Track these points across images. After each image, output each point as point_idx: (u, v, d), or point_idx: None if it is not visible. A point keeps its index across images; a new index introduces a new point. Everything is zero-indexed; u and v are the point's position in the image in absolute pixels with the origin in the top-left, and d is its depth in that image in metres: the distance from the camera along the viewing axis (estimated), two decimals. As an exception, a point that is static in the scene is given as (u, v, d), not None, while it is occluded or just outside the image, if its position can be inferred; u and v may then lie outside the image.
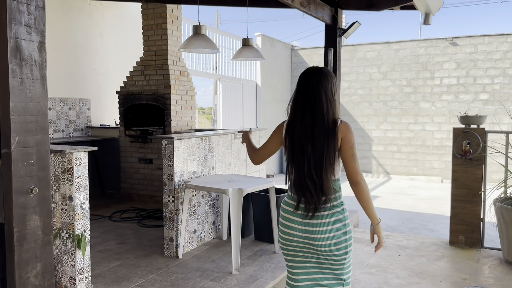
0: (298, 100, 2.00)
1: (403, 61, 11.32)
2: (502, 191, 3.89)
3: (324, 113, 1.94)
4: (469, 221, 4.12)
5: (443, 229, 6.31)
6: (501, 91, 10.27)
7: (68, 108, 6.16)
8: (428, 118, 11.16)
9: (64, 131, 6.12)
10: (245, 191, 3.39)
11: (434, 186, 10.33)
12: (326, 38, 4.60)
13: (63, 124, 6.10)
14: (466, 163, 4.10)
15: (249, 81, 10.95)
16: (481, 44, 10.48)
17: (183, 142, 3.76)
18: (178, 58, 5.95)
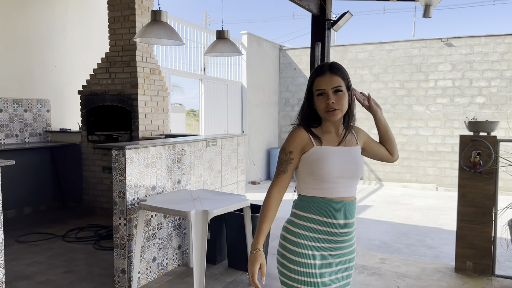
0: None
1: (396, 62, 10.77)
2: (519, 211, 3.30)
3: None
4: (479, 245, 3.52)
5: (442, 245, 5.72)
6: (498, 95, 9.77)
7: (23, 110, 5.47)
8: (422, 122, 10.61)
9: (19, 136, 5.42)
10: (211, 213, 2.75)
11: (429, 194, 9.78)
12: (312, 31, 3.99)
13: (17, 128, 5.40)
14: (475, 176, 3.51)
15: (234, 82, 10.31)
16: (477, 45, 9.97)
17: (139, 151, 3.10)
18: (149, 54, 5.30)
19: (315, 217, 1.63)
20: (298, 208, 1.68)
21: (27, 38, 5.58)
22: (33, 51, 5.67)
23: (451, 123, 10.35)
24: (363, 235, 6.20)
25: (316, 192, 1.64)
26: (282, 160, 1.65)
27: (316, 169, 1.61)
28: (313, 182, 1.63)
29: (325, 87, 1.63)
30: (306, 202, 1.65)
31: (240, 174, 4.40)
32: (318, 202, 1.63)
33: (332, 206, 1.63)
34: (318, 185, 1.63)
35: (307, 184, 1.65)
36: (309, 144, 1.64)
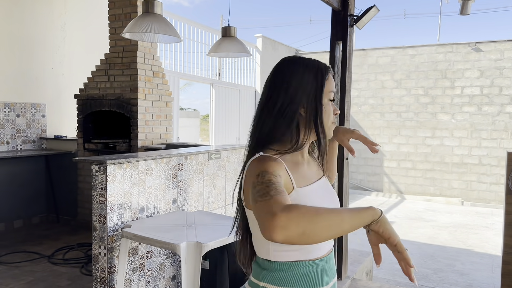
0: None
1: (420, 68, 10.14)
2: None
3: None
4: (532, 285, 2.92)
5: (475, 271, 5.10)
6: (532, 103, 9.05)
7: (15, 115, 5.06)
8: (447, 132, 9.94)
9: (10, 143, 5.01)
10: (205, 247, 2.23)
11: (455, 209, 9.10)
12: (332, 29, 3.46)
13: (8, 134, 4.99)
14: (528, 202, 2.92)
15: (247, 87, 9.83)
16: (508, 50, 9.28)
17: (124, 167, 2.61)
18: (152, 55, 4.84)
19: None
20: (269, 281, 1.10)
21: (21, 37, 5.19)
22: (28, 52, 5.28)
23: (479, 133, 9.65)
24: (385, 257, 5.53)
25: (297, 254, 1.10)
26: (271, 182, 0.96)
27: None
28: None
29: (335, 91, 1.21)
30: (282, 272, 1.10)
31: (248, 190, 3.86)
32: (300, 268, 1.10)
33: (317, 268, 1.13)
34: (299, 245, 1.09)
35: (282, 246, 1.08)
36: (288, 184, 1.08)
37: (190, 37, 7.61)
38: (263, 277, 1.11)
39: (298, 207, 0.85)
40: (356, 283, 3.48)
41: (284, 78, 1.14)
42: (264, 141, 1.13)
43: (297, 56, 1.22)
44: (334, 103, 1.20)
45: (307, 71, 1.15)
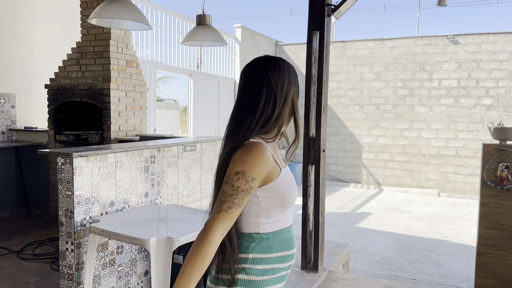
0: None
1: (398, 60, 10.20)
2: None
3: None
4: (504, 275, 2.95)
5: (450, 262, 5.16)
6: (507, 96, 9.21)
7: (-18, 105, 4.85)
8: (424, 124, 10.05)
9: (-23, 135, 4.81)
10: (176, 242, 2.15)
11: (431, 200, 9.23)
12: (309, 18, 3.40)
13: (-26, 125, 4.79)
14: (501, 194, 2.93)
15: (227, 79, 9.72)
16: (485, 43, 9.41)
17: (92, 159, 2.51)
18: (125, 44, 4.69)
19: (280, 254, 1.33)
20: (258, 251, 1.29)
21: (-11, 25, 4.97)
22: (-4, 39, 5.06)
23: (455, 126, 9.79)
24: (362, 248, 5.63)
25: (280, 224, 1.34)
26: (239, 190, 1.20)
27: (287, 198, 1.31)
28: (278, 215, 1.32)
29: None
30: (269, 240, 1.31)
31: (224, 183, 3.80)
32: (281, 235, 1.34)
33: (290, 234, 1.38)
34: (282, 216, 1.34)
35: (269, 218, 1.30)
36: (275, 168, 1.28)
37: (167, 26, 7.45)
38: (252, 249, 1.28)
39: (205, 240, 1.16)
40: (333, 275, 3.47)
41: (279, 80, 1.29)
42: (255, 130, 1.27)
43: (278, 59, 1.36)
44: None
45: (291, 75, 1.34)
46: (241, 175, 1.19)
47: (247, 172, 1.20)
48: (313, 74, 3.38)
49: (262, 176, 1.23)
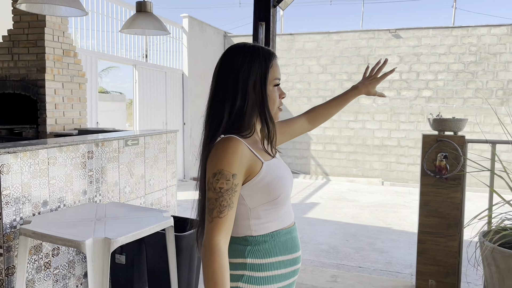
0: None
1: (344, 53, 10.42)
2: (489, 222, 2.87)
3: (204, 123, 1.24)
4: (443, 261, 3.07)
5: (393, 249, 5.36)
6: (445, 88, 9.70)
7: None
8: (368, 116, 10.37)
9: None
10: (114, 243, 2.03)
11: (375, 189, 9.56)
12: (255, 9, 3.34)
13: None
14: (440, 183, 3.05)
15: (174, 70, 9.48)
16: (425, 37, 9.83)
17: (21, 156, 2.32)
18: (62, 32, 4.41)
19: (282, 258, 1.21)
20: (255, 255, 1.18)
21: None
22: None
23: (397, 117, 10.18)
24: (311, 238, 5.72)
25: (275, 224, 1.22)
26: (223, 190, 1.11)
27: (276, 193, 1.19)
28: (270, 213, 1.20)
29: (280, 76, 1.28)
30: (266, 243, 1.20)
31: (171, 178, 3.69)
32: (280, 237, 1.22)
33: (292, 235, 1.25)
34: (276, 215, 1.21)
35: (260, 219, 1.19)
36: (256, 162, 1.18)
37: (109, 14, 7.11)
38: (248, 253, 1.18)
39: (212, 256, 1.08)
40: (281, 267, 3.47)
41: (232, 69, 1.19)
42: (223, 127, 1.18)
43: (242, 45, 1.24)
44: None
45: (252, 60, 1.19)
46: (219, 175, 1.11)
47: (224, 169, 1.11)
48: (260, 65, 3.33)
49: (243, 170, 1.14)
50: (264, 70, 1.20)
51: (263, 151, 1.23)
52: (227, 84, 1.19)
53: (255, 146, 1.21)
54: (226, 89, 1.19)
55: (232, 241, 1.20)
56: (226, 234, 1.12)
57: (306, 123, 1.57)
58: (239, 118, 1.19)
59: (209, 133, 1.21)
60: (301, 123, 1.56)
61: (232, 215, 1.12)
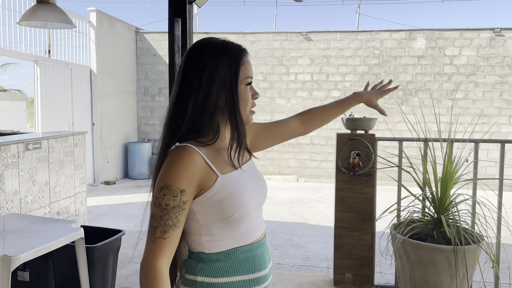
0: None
1: (259, 54, 10.58)
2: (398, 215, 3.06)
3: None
4: (358, 254, 3.22)
5: (310, 244, 5.54)
6: (352, 89, 10.27)
7: None
8: (284, 115, 10.64)
9: None
10: (16, 260, 1.80)
11: (291, 186, 9.86)
12: (170, 5, 3.20)
13: None
14: (353, 179, 3.18)
15: (81, 66, 8.86)
16: (334, 40, 10.33)
17: None
18: None
19: (239, 278, 1.09)
20: (207, 274, 1.08)
21: None
22: None
23: (311, 116, 10.57)
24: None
25: (231, 242, 1.10)
26: (169, 207, 0.99)
27: (230, 211, 1.06)
28: (225, 231, 1.09)
29: (253, 74, 1.16)
30: (220, 262, 1.09)
31: (79, 184, 3.41)
32: (238, 255, 1.10)
33: (256, 253, 1.14)
34: (231, 233, 1.10)
35: (213, 236, 1.08)
36: (209, 176, 1.06)
37: (5, 5, 6.41)
38: (199, 271, 1.08)
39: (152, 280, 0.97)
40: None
41: (197, 67, 1.07)
42: (183, 132, 1.07)
43: (209, 40, 1.14)
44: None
45: (220, 57, 1.09)
46: (166, 189, 1.00)
47: (172, 184, 1.00)
48: (177, 63, 3.21)
49: (193, 185, 1.03)
50: (234, 67, 1.09)
51: (226, 162, 1.11)
52: (191, 82, 1.07)
53: (216, 155, 1.10)
54: (191, 88, 1.07)
55: (188, 256, 1.12)
56: (169, 257, 1.01)
57: (300, 125, 1.44)
58: (199, 117, 1.06)
59: (165, 138, 1.10)
60: (293, 125, 1.43)
61: (177, 236, 1.02)
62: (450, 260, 2.55)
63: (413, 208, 2.89)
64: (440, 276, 2.62)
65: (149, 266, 0.98)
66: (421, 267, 2.65)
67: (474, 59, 9.70)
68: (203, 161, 1.05)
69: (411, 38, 9.99)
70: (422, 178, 2.91)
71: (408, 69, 10.04)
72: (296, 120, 1.43)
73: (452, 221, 2.70)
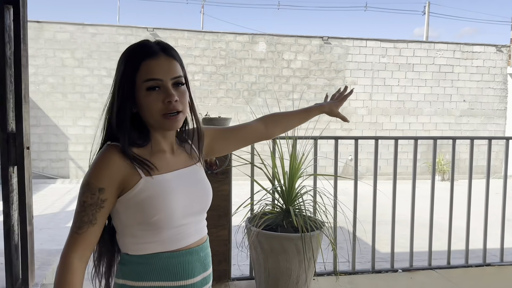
0: None
1: (102, 48, 9.94)
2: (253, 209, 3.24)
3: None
4: (215, 250, 3.25)
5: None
6: (201, 88, 10.46)
7: None
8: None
9: None
10: None
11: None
12: (-1, -12, 2.77)
13: None
14: (211, 178, 3.23)
15: None
16: (181, 39, 10.35)
17: None
18: None
19: (158, 284, 1.07)
20: (127, 276, 1.08)
21: None
22: None
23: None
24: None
25: (155, 246, 1.08)
26: (86, 204, 1.02)
27: (150, 214, 1.04)
28: (146, 234, 1.06)
29: (163, 77, 1.06)
30: (139, 265, 1.07)
31: None
32: (160, 260, 1.08)
33: (183, 260, 1.11)
34: (155, 237, 1.07)
35: (136, 238, 1.07)
36: (132, 176, 1.05)
37: None
38: (121, 272, 1.09)
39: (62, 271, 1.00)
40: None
41: (118, 66, 1.09)
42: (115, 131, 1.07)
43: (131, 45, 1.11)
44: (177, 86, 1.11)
45: (121, 64, 1.08)
46: (86, 187, 1.02)
47: (92, 182, 1.02)
48: (8, 56, 2.82)
49: (114, 184, 1.03)
50: (130, 74, 1.05)
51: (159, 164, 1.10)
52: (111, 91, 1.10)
53: (151, 157, 1.09)
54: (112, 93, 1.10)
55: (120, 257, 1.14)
56: (83, 252, 1.02)
57: (264, 128, 1.42)
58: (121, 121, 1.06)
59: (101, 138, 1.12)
60: (257, 128, 1.41)
61: (93, 233, 1.03)
62: (298, 247, 2.82)
63: (265, 202, 3.09)
64: (290, 263, 2.87)
65: (62, 257, 1.02)
66: (273, 255, 2.86)
67: (307, 63, 10.83)
68: (127, 161, 1.05)
69: (253, 42, 10.62)
70: (272, 173, 3.14)
71: (252, 71, 10.66)
72: (260, 123, 1.42)
73: (298, 211, 2.99)
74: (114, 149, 1.05)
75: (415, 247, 3.45)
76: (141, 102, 1.06)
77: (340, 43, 10.90)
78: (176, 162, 1.15)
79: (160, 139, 1.12)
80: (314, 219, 3.00)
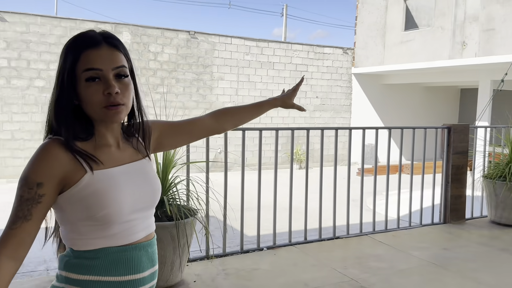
0: None
1: None
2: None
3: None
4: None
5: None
6: (59, 79, 9.65)
7: None
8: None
9: None
10: None
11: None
12: None
13: None
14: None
15: None
16: (34, 25, 9.41)
17: None
18: None
19: (106, 279, 1.04)
20: (73, 270, 1.04)
21: None
22: None
23: (9, 108, 9.34)
24: None
25: (101, 242, 1.05)
26: (22, 199, 0.97)
27: (96, 209, 1.02)
28: (93, 230, 1.03)
29: (102, 67, 1.02)
30: (87, 260, 1.04)
31: None
32: (108, 255, 1.05)
33: (131, 255, 1.08)
34: (102, 232, 1.04)
35: (82, 234, 1.04)
36: (76, 171, 1.02)
37: None
38: (64, 265, 1.04)
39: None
40: None
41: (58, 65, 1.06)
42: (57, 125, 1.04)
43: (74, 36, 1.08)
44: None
45: (62, 55, 1.05)
46: (23, 181, 0.98)
47: (29, 176, 0.98)
48: None
49: (54, 180, 0.99)
50: (70, 63, 1.02)
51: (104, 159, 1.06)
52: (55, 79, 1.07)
53: (95, 151, 1.06)
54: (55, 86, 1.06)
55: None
56: (14, 250, 0.96)
57: (214, 122, 1.40)
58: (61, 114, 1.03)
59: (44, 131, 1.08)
60: (206, 122, 1.39)
61: (27, 229, 0.97)
62: (172, 234, 2.93)
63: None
64: (165, 250, 2.96)
65: None
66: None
67: (174, 57, 10.82)
68: (70, 155, 1.02)
69: (116, 32, 10.20)
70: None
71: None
72: (211, 118, 1.41)
73: (172, 200, 3.09)
74: (56, 143, 1.01)
75: (277, 228, 3.84)
76: (81, 94, 1.02)
77: (206, 38, 11.15)
78: (122, 156, 1.12)
79: (104, 133, 1.09)
80: (188, 207, 3.14)
